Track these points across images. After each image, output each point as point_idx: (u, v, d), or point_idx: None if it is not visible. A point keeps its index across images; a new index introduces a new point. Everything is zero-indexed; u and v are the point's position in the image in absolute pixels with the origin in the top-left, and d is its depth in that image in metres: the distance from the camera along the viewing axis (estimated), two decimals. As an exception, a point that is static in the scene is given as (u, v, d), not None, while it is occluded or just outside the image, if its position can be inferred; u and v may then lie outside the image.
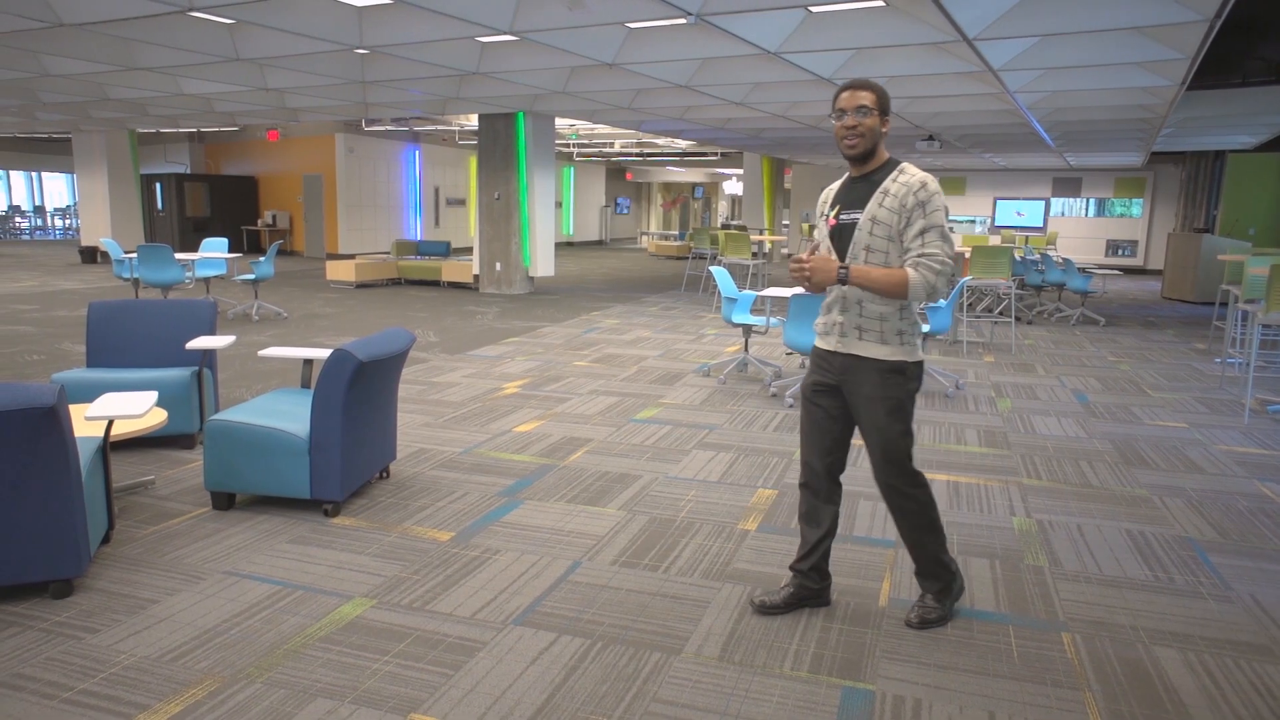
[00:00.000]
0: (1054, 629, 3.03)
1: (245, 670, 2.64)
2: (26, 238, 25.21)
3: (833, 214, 2.90)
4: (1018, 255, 13.29)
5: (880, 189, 2.79)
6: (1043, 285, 12.46)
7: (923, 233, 2.73)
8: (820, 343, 2.98)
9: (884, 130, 2.79)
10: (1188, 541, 3.85)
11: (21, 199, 26.31)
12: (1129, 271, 21.32)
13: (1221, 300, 10.41)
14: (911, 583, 3.35)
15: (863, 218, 2.80)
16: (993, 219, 23.86)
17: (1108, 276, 15.94)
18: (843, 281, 2.77)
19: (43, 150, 24.54)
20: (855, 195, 2.86)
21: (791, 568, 3.12)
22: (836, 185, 2.98)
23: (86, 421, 3.49)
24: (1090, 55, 7.31)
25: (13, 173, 25.59)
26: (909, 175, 2.77)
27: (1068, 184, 23.08)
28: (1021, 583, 3.40)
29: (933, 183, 2.75)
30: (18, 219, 25.86)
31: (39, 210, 26.61)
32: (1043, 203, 23.37)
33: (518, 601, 3.14)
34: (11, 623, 2.90)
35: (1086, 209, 23.14)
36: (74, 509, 3.02)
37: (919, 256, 2.72)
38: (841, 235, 2.86)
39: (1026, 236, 18.93)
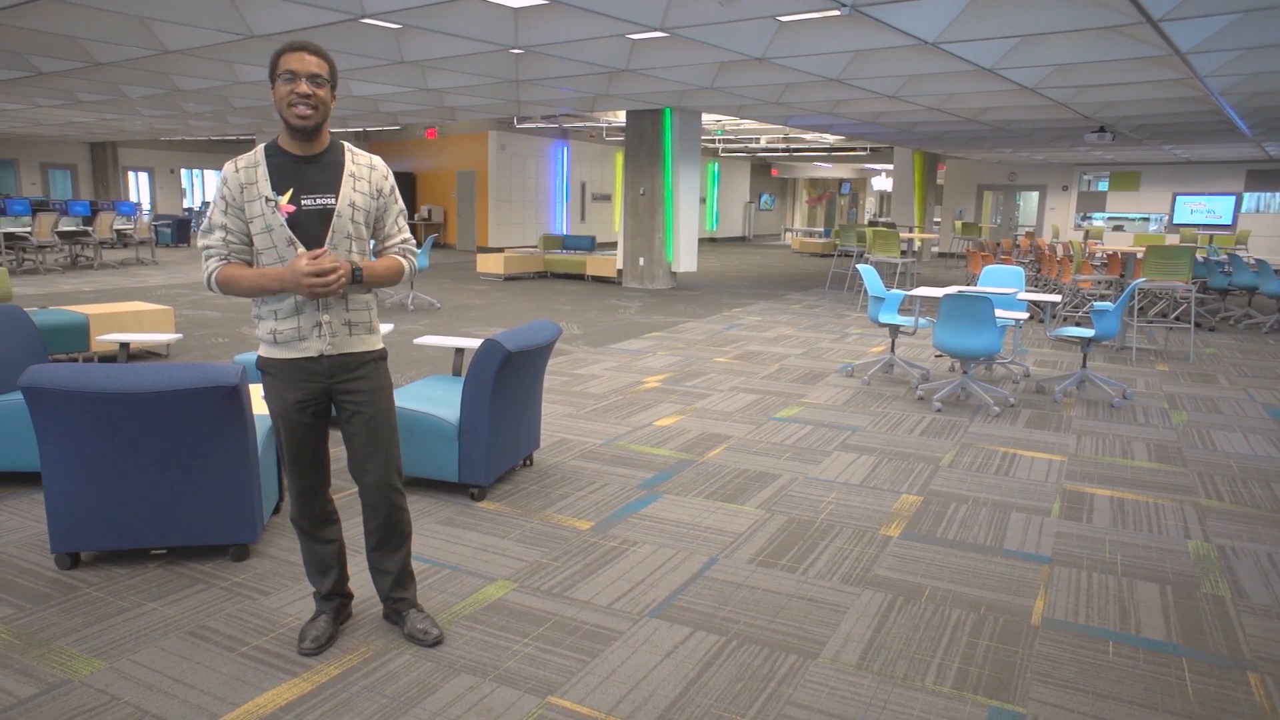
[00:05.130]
0: (1238, 667, 2.76)
1: (396, 641, 2.79)
2: (216, 231, 27.81)
3: (284, 199, 2.49)
4: (1200, 256, 12.18)
5: (347, 172, 2.55)
6: (1229, 289, 11.36)
7: (397, 219, 2.70)
8: (294, 351, 2.56)
9: (331, 105, 2.51)
10: (1402, 580, 3.42)
11: (213, 196, 29.11)
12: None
13: None
14: (1068, 602, 3.14)
15: (340, 204, 2.52)
16: (1170, 216, 22.00)
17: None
18: (357, 281, 2.55)
19: (231, 151, 26.93)
20: (313, 178, 2.52)
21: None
22: (259, 165, 2.50)
23: (261, 401, 3.78)
24: (1298, 33, 6.59)
25: (206, 172, 28.20)
26: (365, 156, 2.63)
27: (1265, 177, 20.92)
28: (1197, 612, 3.11)
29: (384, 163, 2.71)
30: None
31: (227, 206, 29.33)
32: (1232, 198, 21.32)
33: (654, 594, 3.16)
34: (199, 579, 3.20)
35: (1287, 204, 20.93)
36: (252, 480, 3.29)
37: (403, 243, 2.71)
38: (309, 223, 2.51)
39: (1211, 235, 17.33)
